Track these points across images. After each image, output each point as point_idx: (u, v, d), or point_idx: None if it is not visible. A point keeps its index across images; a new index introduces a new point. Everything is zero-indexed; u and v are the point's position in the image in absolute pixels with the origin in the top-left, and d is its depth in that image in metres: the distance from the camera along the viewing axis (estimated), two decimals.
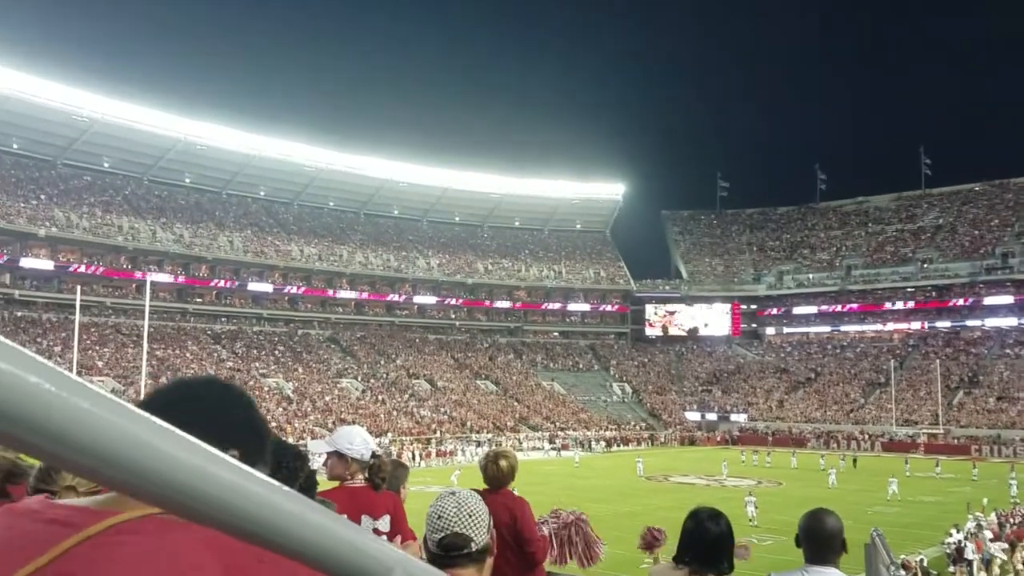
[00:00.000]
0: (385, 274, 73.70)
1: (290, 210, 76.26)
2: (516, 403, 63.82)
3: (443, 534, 1.84)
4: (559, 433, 57.81)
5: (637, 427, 64.61)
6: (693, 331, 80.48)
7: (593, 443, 57.02)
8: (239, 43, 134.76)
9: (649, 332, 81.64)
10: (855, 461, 46.86)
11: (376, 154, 76.07)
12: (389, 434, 50.43)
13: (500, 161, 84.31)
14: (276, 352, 61.12)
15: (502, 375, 69.42)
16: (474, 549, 1.83)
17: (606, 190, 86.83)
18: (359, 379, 60.49)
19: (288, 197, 76.57)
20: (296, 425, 47.60)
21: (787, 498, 30.27)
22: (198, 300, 63.44)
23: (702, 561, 2.74)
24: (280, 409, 50.77)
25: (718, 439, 62.71)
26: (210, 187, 71.88)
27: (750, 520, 25.73)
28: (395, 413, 55.56)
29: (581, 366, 76.49)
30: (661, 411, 68.69)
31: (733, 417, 66.71)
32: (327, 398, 54.90)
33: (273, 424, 46.97)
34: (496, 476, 3.91)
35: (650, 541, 4.03)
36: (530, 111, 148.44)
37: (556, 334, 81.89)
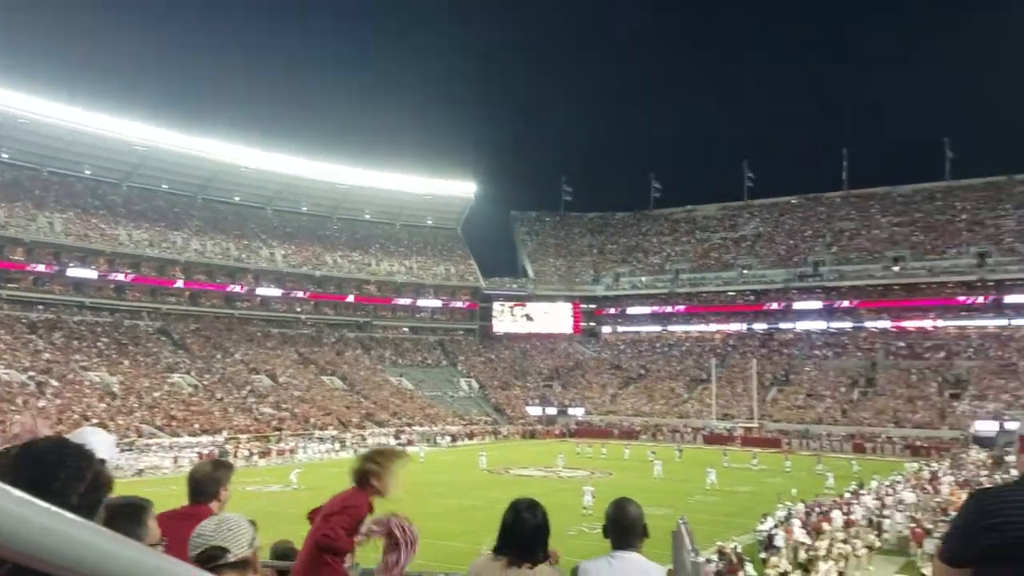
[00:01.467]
0: (224, 263, 70.55)
1: (118, 191, 71.15)
2: (363, 399, 63.20)
3: (199, 550, 2.04)
4: (405, 429, 57.91)
5: (483, 422, 65.85)
6: (537, 329, 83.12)
7: (439, 438, 57.58)
8: (64, 8, 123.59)
9: (497, 329, 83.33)
10: (681, 452, 50.42)
11: (216, 135, 72.36)
12: (224, 432, 48.54)
13: (351, 151, 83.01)
14: (99, 344, 57.05)
15: (349, 370, 68.48)
16: (230, 560, 2.01)
17: (458, 188, 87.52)
18: (192, 374, 57.63)
19: (116, 177, 71.40)
20: (120, 423, 44.84)
21: (617, 488, 31.97)
22: (11, 285, 58.09)
23: (519, 551, 2.80)
24: (103, 405, 47.56)
25: (556, 432, 65.18)
26: (29, 163, 65.80)
27: (584, 508, 27.14)
28: (232, 410, 53.47)
29: (430, 362, 76.87)
30: (505, 406, 70.38)
31: (571, 411, 69.50)
32: (156, 394, 51.91)
33: (95, 421, 43.92)
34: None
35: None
36: (383, 103, 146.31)
37: (406, 330, 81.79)
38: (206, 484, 3.44)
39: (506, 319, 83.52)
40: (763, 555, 19.72)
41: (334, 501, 3.56)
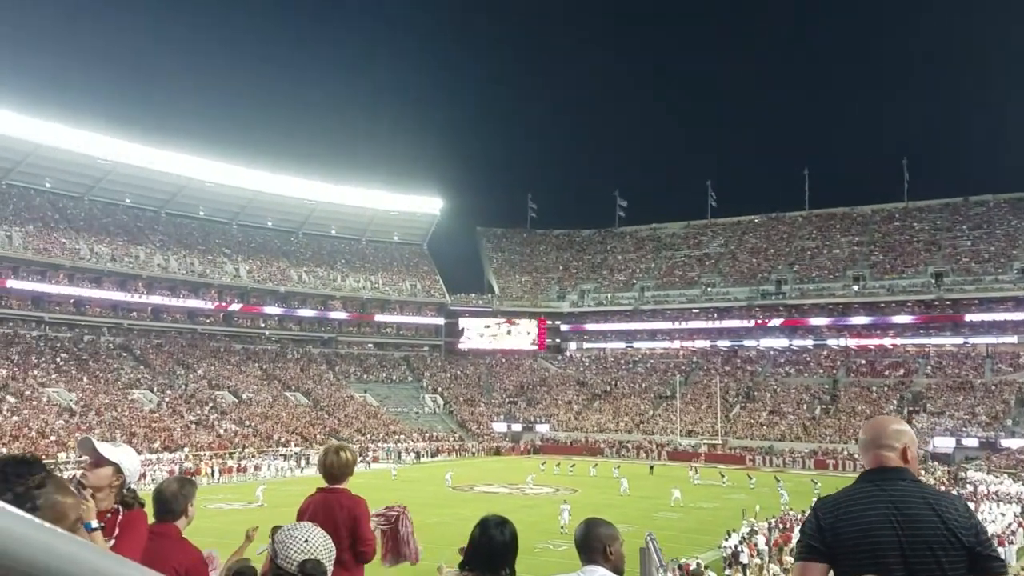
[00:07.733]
0: (188, 278, 69.58)
1: (80, 205, 70.07)
2: (327, 415, 62.62)
3: (307, 557, 1.98)
4: (369, 446, 57.46)
5: (448, 439, 65.58)
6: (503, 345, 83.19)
7: (403, 455, 57.22)
8: (19, 18, 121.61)
9: (462, 345, 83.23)
10: (652, 468, 50.72)
11: (180, 149, 71.60)
12: (185, 449, 47.79)
13: (317, 166, 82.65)
14: (58, 360, 55.90)
15: (314, 386, 67.85)
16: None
17: (424, 204, 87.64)
18: (154, 390, 56.67)
19: (79, 191, 70.33)
20: (78, 439, 43.81)
21: (584, 505, 32.17)
22: None
23: (485, 567, 2.78)
24: (61, 422, 46.57)
25: (521, 449, 65.17)
26: None
27: (562, 527, 27.01)
28: (194, 427, 52.65)
29: (395, 377, 76.45)
30: (471, 422, 70.19)
31: (536, 428, 69.52)
32: (116, 411, 50.96)
33: (52, 438, 43.05)
34: (338, 467, 4.01)
35: None
36: (350, 118, 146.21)
37: (371, 345, 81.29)
38: (173, 501, 3.39)
39: (472, 335, 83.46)
40: (727, 572, 19.94)
41: (362, 512, 3.96)
